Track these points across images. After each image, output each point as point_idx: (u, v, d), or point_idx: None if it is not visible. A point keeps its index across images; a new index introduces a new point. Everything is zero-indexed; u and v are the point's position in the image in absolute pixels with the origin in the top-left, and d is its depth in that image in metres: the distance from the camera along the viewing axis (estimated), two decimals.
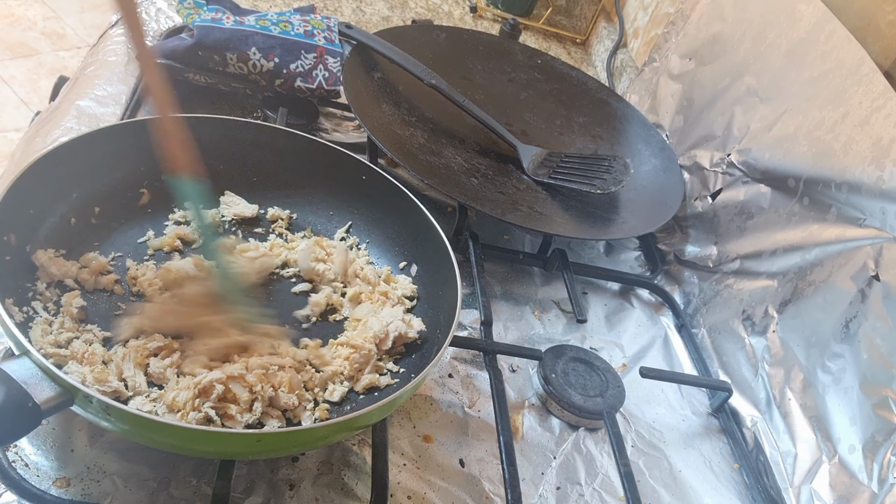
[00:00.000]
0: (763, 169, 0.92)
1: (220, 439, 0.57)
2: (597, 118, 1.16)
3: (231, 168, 0.82)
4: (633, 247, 1.06)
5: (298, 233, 0.82)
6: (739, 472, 0.81)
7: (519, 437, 0.75)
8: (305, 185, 0.84)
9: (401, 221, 0.82)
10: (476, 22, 1.47)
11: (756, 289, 0.88)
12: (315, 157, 0.83)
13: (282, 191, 0.84)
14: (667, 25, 1.20)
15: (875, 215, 0.75)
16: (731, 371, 0.88)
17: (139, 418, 0.53)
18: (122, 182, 0.75)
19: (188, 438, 0.55)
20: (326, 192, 0.84)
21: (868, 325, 0.72)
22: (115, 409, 0.52)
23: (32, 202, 0.66)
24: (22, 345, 0.53)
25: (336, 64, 1.01)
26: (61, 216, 0.70)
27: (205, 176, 0.65)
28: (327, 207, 0.84)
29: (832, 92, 0.84)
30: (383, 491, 0.62)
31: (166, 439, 0.56)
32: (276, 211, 0.83)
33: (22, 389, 0.50)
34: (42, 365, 0.52)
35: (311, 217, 0.84)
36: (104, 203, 0.73)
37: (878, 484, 0.67)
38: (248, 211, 0.81)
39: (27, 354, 0.52)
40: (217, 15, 0.98)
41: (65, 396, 0.52)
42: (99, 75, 0.95)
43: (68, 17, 2.71)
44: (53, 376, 0.52)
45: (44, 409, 0.51)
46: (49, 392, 0.51)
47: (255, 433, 0.57)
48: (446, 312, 0.71)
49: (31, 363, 0.52)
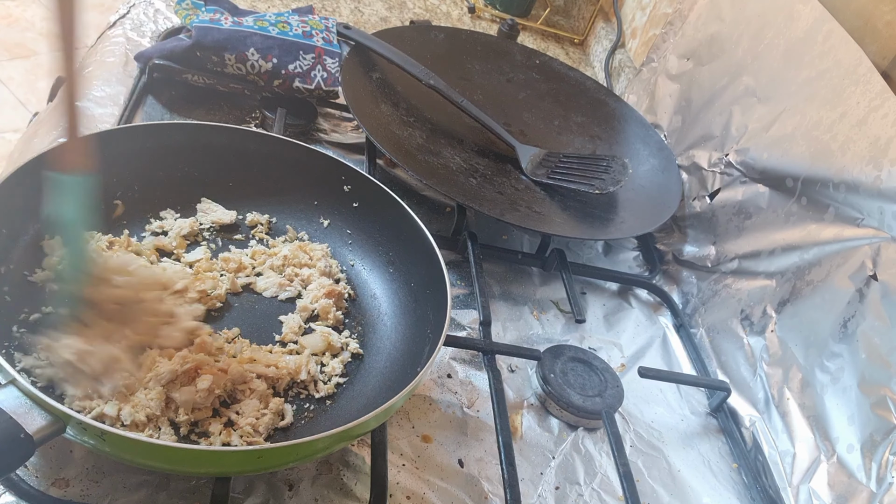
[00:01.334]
0: (761, 169, 0.92)
1: (222, 458, 0.55)
2: (595, 118, 1.16)
3: (205, 174, 0.80)
4: (632, 247, 1.06)
5: (279, 237, 0.81)
6: (738, 472, 0.81)
7: (518, 437, 0.75)
8: (284, 188, 0.82)
9: (383, 220, 0.80)
10: (474, 22, 1.47)
11: (754, 288, 0.88)
12: (291, 158, 0.81)
13: (259, 195, 0.82)
14: (665, 25, 1.20)
15: (873, 215, 0.75)
16: (730, 371, 0.88)
17: (137, 443, 0.52)
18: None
19: (187, 460, 0.54)
20: (305, 194, 0.82)
21: (866, 325, 0.73)
22: (111, 435, 0.51)
23: (3, 222, 0.64)
24: (8, 373, 0.51)
25: (334, 64, 1.01)
26: (35, 234, 0.67)
27: (94, 171, 0.59)
28: (306, 209, 0.83)
29: (830, 92, 0.84)
30: (382, 491, 0.62)
31: (161, 463, 0.55)
32: (255, 216, 0.82)
33: (12, 420, 0.49)
34: (30, 393, 0.50)
35: (292, 220, 0.83)
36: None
37: (877, 483, 0.67)
38: (227, 217, 0.80)
39: (13, 383, 0.51)
40: (215, 16, 0.98)
41: (57, 424, 0.50)
42: (97, 76, 0.95)
43: None
44: (43, 404, 0.50)
45: (36, 440, 0.49)
46: (40, 421, 0.50)
47: (256, 449, 0.55)
48: (435, 310, 0.71)
49: (19, 392, 0.50)
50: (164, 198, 0.79)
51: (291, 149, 0.81)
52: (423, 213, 0.97)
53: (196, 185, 0.80)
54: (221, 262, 0.76)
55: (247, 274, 0.76)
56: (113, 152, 0.71)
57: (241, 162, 0.81)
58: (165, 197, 0.79)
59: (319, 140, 1.01)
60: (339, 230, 0.83)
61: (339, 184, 0.82)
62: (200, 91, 0.98)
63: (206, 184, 0.81)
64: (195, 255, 0.76)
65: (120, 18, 1.07)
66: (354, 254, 0.82)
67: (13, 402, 0.50)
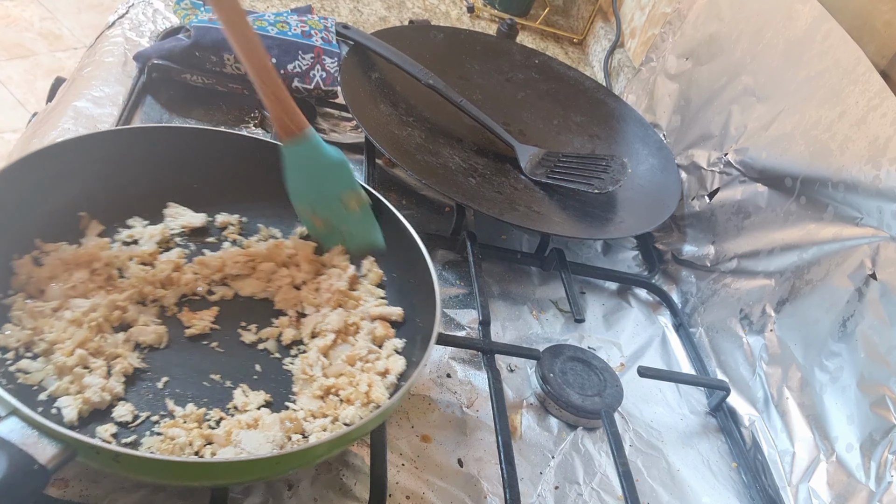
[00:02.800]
0: (760, 168, 0.92)
1: (242, 467, 0.54)
2: (594, 118, 1.16)
3: (169, 178, 0.78)
4: (631, 246, 1.06)
5: (253, 237, 0.79)
6: (737, 471, 0.81)
7: (517, 437, 0.75)
8: (250, 186, 0.80)
9: None
10: (473, 22, 1.47)
11: (753, 288, 0.88)
12: (253, 154, 0.78)
13: (227, 195, 0.80)
14: (664, 25, 1.20)
15: (872, 214, 0.75)
16: (729, 370, 0.88)
17: (151, 461, 0.51)
18: (57, 209, 0.70)
19: (205, 472, 0.53)
20: (272, 189, 0.79)
21: (865, 324, 0.73)
22: (126, 456, 0.49)
23: None
24: (9, 403, 0.49)
25: (333, 64, 1.01)
26: (3, 255, 0.65)
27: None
28: (276, 205, 0.80)
29: (829, 91, 0.84)
30: (382, 491, 0.62)
31: (176, 478, 0.54)
32: (225, 217, 0.79)
33: (23, 452, 0.47)
34: (35, 422, 0.48)
35: (263, 218, 0.80)
36: (43, 234, 0.68)
37: (876, 482, 0.67)
38: (196, 220, 0.77)
39: (15, 413, 0.49)
40: (214, 16, 0.98)
41: (68, 450, 0.49)
42: (96, 76, 0.95)
43: (65, 17, 2.71)
44: (51, 432, 0.48)
45: (50, 469, 0.48)
46: (51, 449, 0.48)
47: (275, 455, 0.54)
48: (423, 298, 0.70)
49: (23, 422, 0.49)
50: (130, 206, 0.76)
51: (251, 144, 0.79)
52: (422, 212, 0.97)
53: (161, 190, 0.77)
54: None
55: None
56: (68, 165, 0.69)
57: (204, 162, 0.78)
58: (131, 205, 0.76)
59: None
60: None
61: None
62: (199, 91, 0.98)
63: (170, 188, 0.77)
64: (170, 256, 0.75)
65: (119, 18, 1.07)
66: None
67: (19, 433, 0.48)
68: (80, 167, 0.71)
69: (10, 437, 0.48)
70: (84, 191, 0.72)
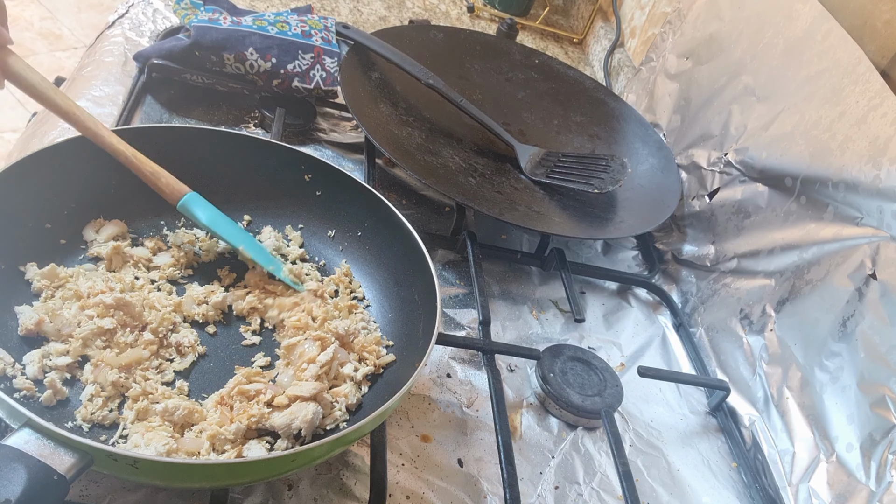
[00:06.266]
0: (760, 168, 0.92)
1: (242, 468, 0.54)
2: (594, 117, 1.16)
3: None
4: (631, 246, 1.06)
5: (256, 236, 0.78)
6: (737, 471, 0.81)
7: (517, 437, 0.75)
8: (252, 186, 0.80)
9: (361, 215, 0.78)
10: (473, 22, 1.47)
11: (753, 288, 0.88)
12: (255, 155, 0.79)
13: (227, 194, 0.79)
14: (664, 25, 1.20)
15: (872, 214, 0.75)
16: (729, 370, 0.88)
17: (170, 465, 0.51)
18: (57, 209, 0.70)
19: (225, 473, 0.53)
20: (274, 190, 0.79)
21: (865, 324, 0.73)
22: (145, 462, 0.49)
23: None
24: (22, 414, 0.49)
25: (333, 64, 1.01)
26: (8, 259, 0.65)
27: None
28: (277, 205, 0.80)
29: (829, 91, 0.84)
30: (382, 490, 0.62)
31: (196, 480, 0.54)
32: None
33: (41, 464, 0.47)
34: (49, 432, 0.48)
35: (264, 219, 0.80)
36: (44, 236, 0.68)
37: (876, 482, 0.67)
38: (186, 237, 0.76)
39: (29, 424, 0.48)
40: (214, 15, 0.98)
41: (86, 459, 0.49)
42: (96, 76, 0.95)
43: (65, 17, 2.71)
44: (67, 441, 0.48)
45: (69, 478, 0.47)
46: (69, 459, 0.48)
47: (290, 453, 0.54)
48: (423, 298, 0.70)
49: (37, 433, 0.48)
50: (130, 206, 0.75)
51: (252, 144, 0.79)
52: (422, 212, 0.97)
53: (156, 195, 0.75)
54: None
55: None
56: (71, 164, 0.69)
57: (204, 162, 0.78)
58: (131, 205, 0.75)
59: (318, 140, 1.01)
60: (313, 230, 0.81)
61: (307, 182, 0.80)
62: (199, 91, 0.98)
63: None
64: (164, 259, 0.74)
65: (119, 18, 1.07)
66: (333, 249, 0.80)
67: (35, 445, 0.48)
68: (79, 167, 0.71)
69: (27, 448, 0.47)
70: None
